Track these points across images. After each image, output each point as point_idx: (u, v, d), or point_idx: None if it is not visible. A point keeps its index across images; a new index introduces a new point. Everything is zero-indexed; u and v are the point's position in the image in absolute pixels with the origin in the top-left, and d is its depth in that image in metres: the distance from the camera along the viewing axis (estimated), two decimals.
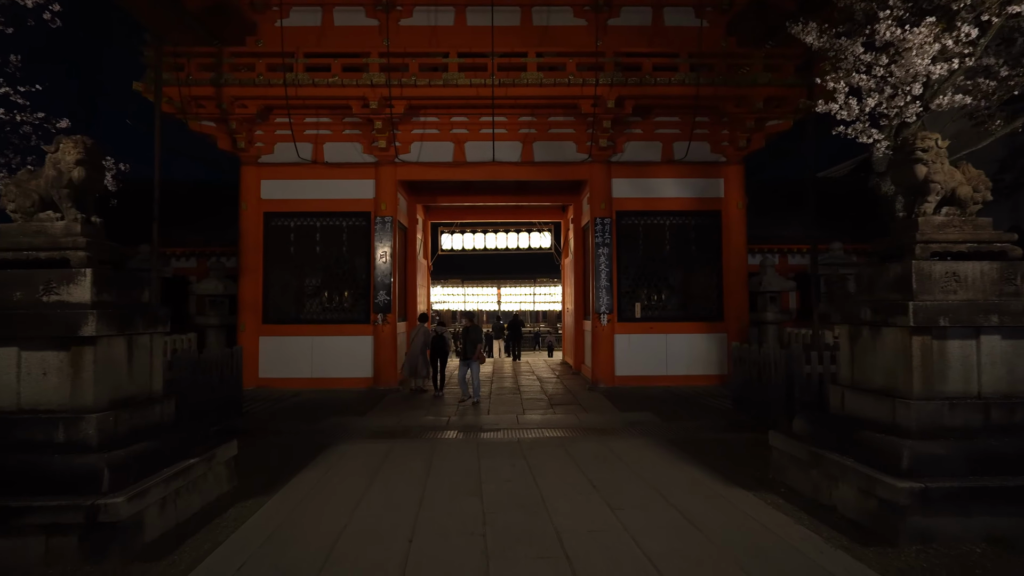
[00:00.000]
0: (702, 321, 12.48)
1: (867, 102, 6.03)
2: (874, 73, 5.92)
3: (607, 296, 12.11)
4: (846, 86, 6.13)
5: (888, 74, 5.86)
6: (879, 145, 6.48)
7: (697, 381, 12.29)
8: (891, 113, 6.11)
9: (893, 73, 5.75)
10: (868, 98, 6.00)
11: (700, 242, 12.63)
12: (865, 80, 6.02)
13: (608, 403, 10.63)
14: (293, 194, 12.41)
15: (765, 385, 8.41)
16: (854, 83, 6.10)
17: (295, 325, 12.33)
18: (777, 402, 8.04)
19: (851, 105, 6.15)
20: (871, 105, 6.02)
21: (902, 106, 5.94)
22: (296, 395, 11.60)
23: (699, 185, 12.56)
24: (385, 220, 12.15)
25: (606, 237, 12.18)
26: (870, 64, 5.93)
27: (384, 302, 12.06)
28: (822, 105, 6.57)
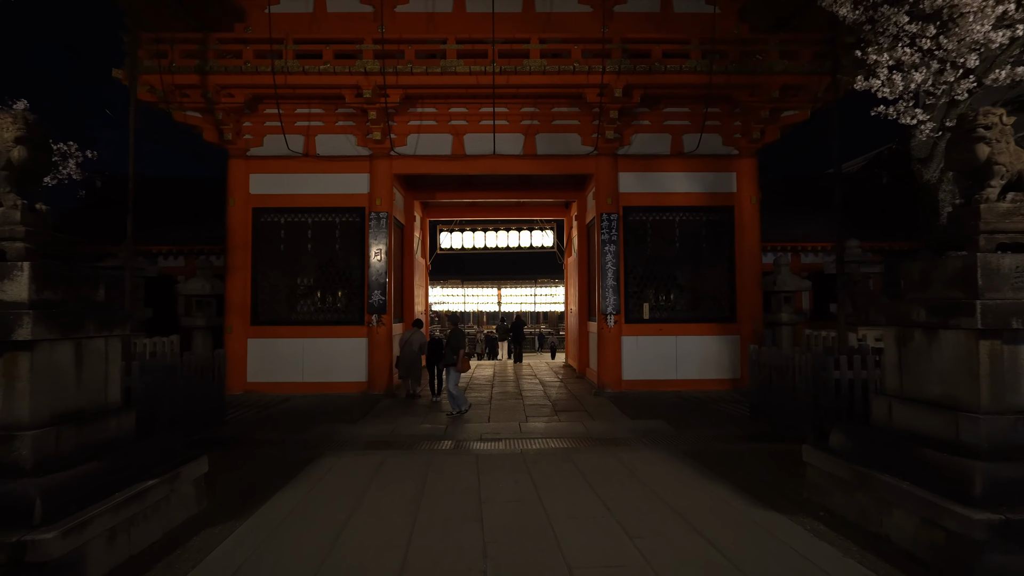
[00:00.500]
0: (714, 322, 11.86)
1: (913, 77, 5.42)
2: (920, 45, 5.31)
3: (614, 296, 11.50)
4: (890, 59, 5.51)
5: (936, 46, 5.25)
6: (923, 127, 5.87)
7: (708, 386, 11.67)
8: (938, 91, 5.51)
9: (942, 45, 5.15)
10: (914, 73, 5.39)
11: (711, 239, 12.01)
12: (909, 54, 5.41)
13: (616, 409, 10.01)
14: (283, 189, 11.80)
15: (788, 392, 7.79)
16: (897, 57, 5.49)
17: (285, 327, 11.71)
18: (802, 411, 7.42)
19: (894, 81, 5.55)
20: (917, 81, 5.41)
21: (952, 82, 5.34)
22: (286, 400, 10.98)
23: (710, 179, 11.94)
24: (380, 216, 11.54)
25: (612, 234, 11.56)
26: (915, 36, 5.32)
27: (379, 302, 11.44)
28: (861, 82, 5.97)
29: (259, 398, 11.09)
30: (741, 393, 11.26)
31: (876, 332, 9.61)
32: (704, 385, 11.68)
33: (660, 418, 9.22)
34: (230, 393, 11.25)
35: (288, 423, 9.04)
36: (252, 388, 11.51)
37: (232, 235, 11.60)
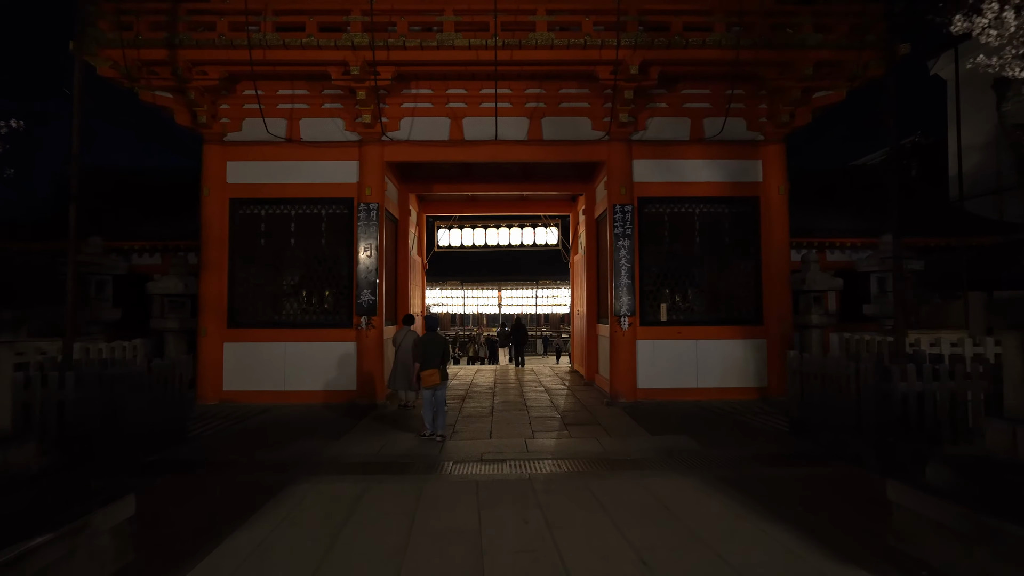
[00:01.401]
0: (738, 325, 10.77)
1: None
2: None
3: (628, 296, 10.41)
4: None
5: None
6: None
7: (732, 395, 10.58)
8: None
9: None
10: None
11: (735, 233, 10.93)
12: None
13: (633, 423, 8.92)
14: (264, 178, 10.72)
15: (837, 405, 6.70)
16: None
17: (265, 329, 10.62)
18: (857, 428, 6.33)
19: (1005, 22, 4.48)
20: None
21: None
22: (265, 411, 9.89)
23: (733, 168, 10.87)
24: (370, 207, 10.45)
25: (627, 227, 10.47)
26: None
27: (368, 303, 10.35)
28: (960, 23, 4.90)
29: (235, 409, 9.99)
30: (770, 404, 10.18)
31: (931, 336, 8.52)
32: (727, 394, 10.59)
33: (684, 433, 8.13)
34: (204, 403, 10.20)
35: (263, 439, 7.95)
36: (228, 397, 10.42)
37: (207, 229, 10.51)
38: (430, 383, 7.68)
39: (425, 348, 7.78)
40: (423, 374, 7.71)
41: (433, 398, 7.83)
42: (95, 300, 10.84)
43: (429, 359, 7.74)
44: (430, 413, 7.81)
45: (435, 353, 7.77)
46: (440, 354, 7.79)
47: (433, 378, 7.69)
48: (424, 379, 7.71)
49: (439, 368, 7.74)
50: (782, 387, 10.43)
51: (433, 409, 7.82)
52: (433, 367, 7.71)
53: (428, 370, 7.69)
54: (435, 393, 7.85)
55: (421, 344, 7.87)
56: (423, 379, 7.71)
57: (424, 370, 7.71)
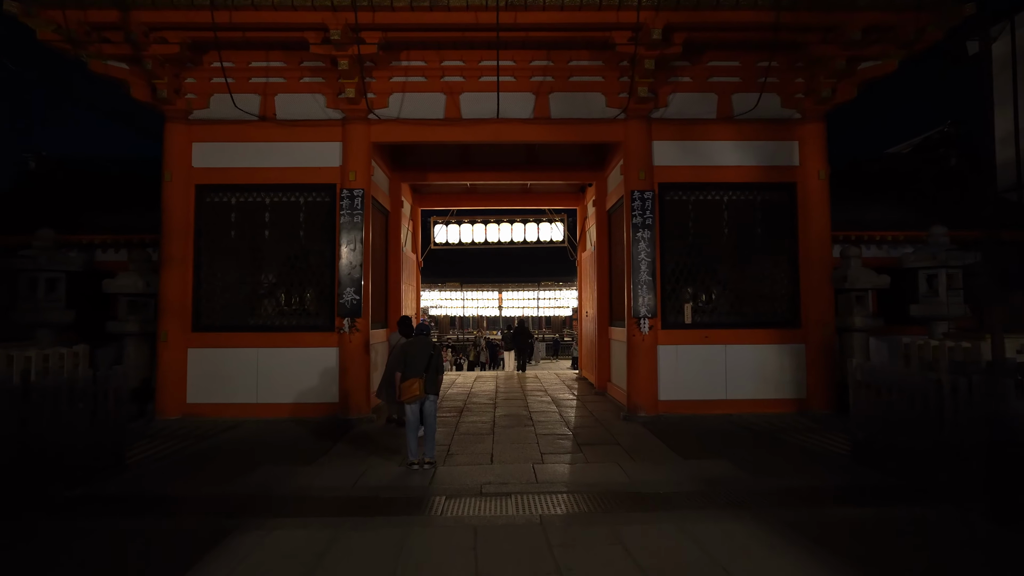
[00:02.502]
0: (772, 328, 9.49)
1: None
2: None
3: (648, 295, 9.12)
4: None
5: None
6: None
7: (766, 407, 9.30)
8: None
9: None
10: None
11: (768, 224, 9.65)
12: None
13: (658, 443, 7.63)
14: (235, 161, 9.45)
15: (921, 427, 5.41)
16: None
17: (236, 333, 9.33)
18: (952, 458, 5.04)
19: None
20: None
21: None
22: (233, 427, 8.62)
23: (766, 150, 9.60)
24: (354, 194, 9.18)
25: (646, 216, 9.20)
26: None
27: (352, 303, 9.06)
28: None
29: (199, 425, 8.71)
30: (811, 419, 8.89)
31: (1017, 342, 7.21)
32: (760, 407, 9.31)
33: (721, 457, 6.85)
34: (164, 417, 8.94)
35: (221, 465, 6.67)
36: (193, 411, 9.14)
37: (168, 219, 9.23)
38: (411, 395, 6.39)
39: (406, 354, 6.48)
40: (404, 385, 6.42)
41: (418, 415, 6.54)
42: (45, 300, 9.56)
43: (413, 367, 6.44)
44: (414, 435, 6.50)
45: (420, 360, 6.46)
46: (426, 361, 6.49)
47: (415, 388, 6.39)
48: (404, 390, 6.41)
49: (422, 377, 6.45)
50: (823, 399, 9.17)
51: (419, 428, 6.53)
52: (415, 376, 6.42)
53: (409, 380, 6.41)
54: (422, 408, 6.56)
55: (402, 350, 6.55)
56: (403, 391, 6.42)
57: (405, 380, 6.43)
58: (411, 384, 6.40)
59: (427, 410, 6.60)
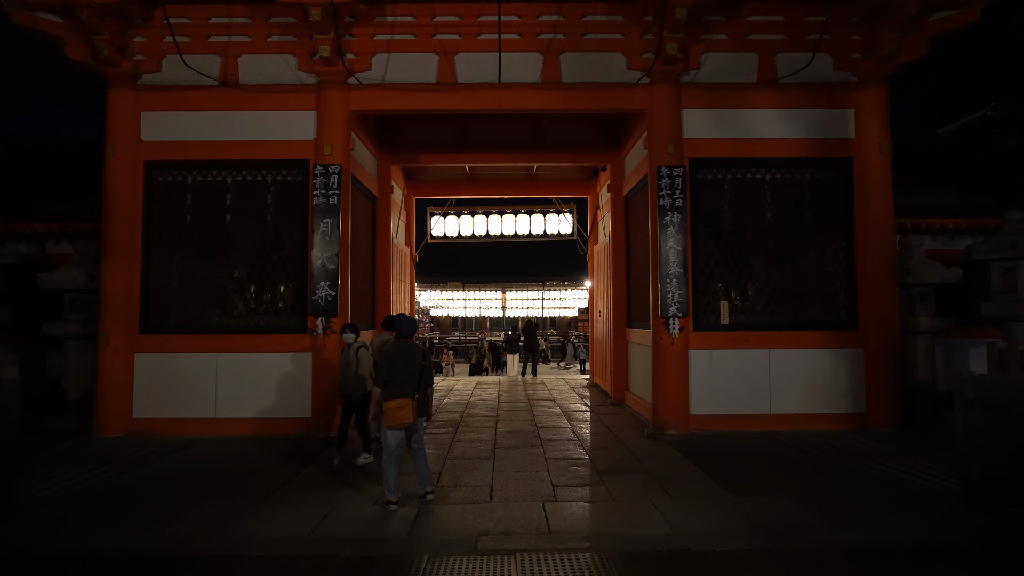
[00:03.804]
0: (824, 329, 8.04)
1: None
2: None
3: (679, 291, 7.68)
4: None
5: None
6: None
7: (817, 424, 7.85)
8: None
9: None
10: None
11: (819, 207, 8.20)
12: None
13: (696, 471, 6.19)
14: (191, 134, 8.07)
15: None
16: None
17: (192, 335, 7.94)
18: None
19: None
20: None
21: None
22: (185, 448, 7.22)
23: (816, 119, 8.16)
24: (330, 171, 7.77)
25: (676, 197, 7.76)
26: None
27: (326, 300, 7.65)
28: None
29: (144, 444, 7.31)
30: (875, 438, 7.44)
31: None
32: (810, 423, 7.85)
33: (782, 492, 5.41)
34: (104, 435, 7.56)
35: (150, 503, 5.27)
36: (139, 428, 7.75)
37: (111, 202, 7.85)
38: (398, 421, 4.90)
39: (390, 365, 4.98)
40: (388, 406, 4.92)
41: (401, 443, 5.10)
42: None
43: (399, 381, 4.96)
44: (394, 467, 5.05)
45: (407, 372, 5.00)
46: (416, 374, 5.05)
47: (404, 413, 4.91)
48: (388, 414, 4.90)
49: (413, 398, 5.01)
50: (886, 414, 7.73)
51: (393, 456, 5.06)
52: (404, 396, 4.96)
53: (396, 400, 4.94)
54: (408, 436, 5.13)
55: (384, 359, 5.02)
56: (387, 414, 4.91)
57: (390, 399, 4.95)
58: (399, 407, 4.87)
59: (416, 435, 5.18)
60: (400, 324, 5.20)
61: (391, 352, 5.02)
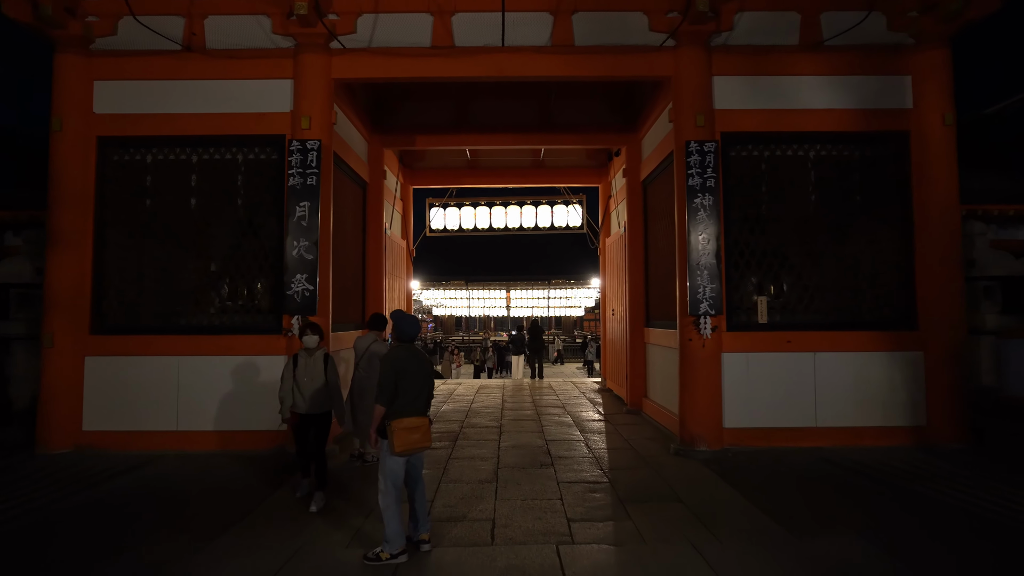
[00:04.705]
0: (877, 329, 6.97)
1: None
2: None
3: (711, 284, 6.63)
4: None
5: None
6: None
7: (870, 438, 6.79)
8: None
9: None
10: None
11: (870, 188, 7.14)
12: None
13: (739, 499, 5.14)
14: (151, 106, 7.07)
15: None
16: None
17: (151, 336, 6.94)
18: None
19: None
20: None
21: None
22: (139, 466, 6.22)
23: (868, 88, 7.10)
24: (308, 147, 6.74)
25: (707, 176, 6.71)
26: None
27: (303, 295, 6.63)
28: None
29: (93, 462, 6.32)
30: (941, 456, 6.40)
31: None
32: (862, 438, 6.80)
33: (850, 531, 4.37)
34: (49, 451, 6.58)
35: (69, 543, 4.25)
36: (90, 442, 6.75)
37: (58, 182, 6.85)
38: (411, 445, 3.85)
39: (400, 375, 3.89)
40: (398, 426, 3.83)
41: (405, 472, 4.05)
42: None
43: (410, 396, 3.93)
44: (398, 511, 3.95)
45: (419, 383, 3.99)
46: (429, 386, 4.08)
47: (419, 435, 3.89)
48: (399, 436, 3.81)
49: (427, 416, 4.03)
50: (952, 427, 6.68)
51: (397, 493, 3.98)
52: (417, 413, 3.94)
53: (409, 418, 3.87)
54: (409, 462, 4.07)
55: (391, 366, 3.90)
56: (397, 436, 3.82)
57: (399, 417, 3.86)
58: (413, 427, 3.85)
59: (418, 465, 4.15)
60: (400, 325, 4.12)
61: (398, 360, 3.94)
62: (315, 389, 5.09)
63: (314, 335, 5.24)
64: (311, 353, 5.21)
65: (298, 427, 5.14)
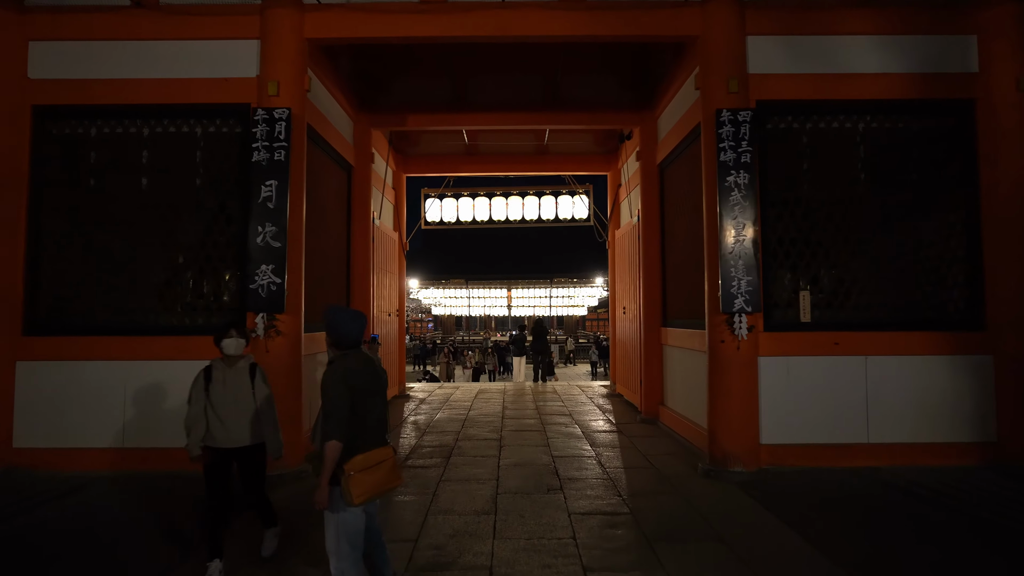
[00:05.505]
0: (936, 329, 6.00)
1: None
2: None
3: (746, 276, 5.66)
4: None
5: None
6: None
7: (930, 457, 5.83)
8: None
9: None
10: None
11: (929, 166, 6.17)
12: None
13: (789, 535, 4.18)
14: (96, 70, 6.11)
15: None
16: None
17: (93, 338, 5.98)
18: None
19: None
20: None
21: None
22: (70, 492, 5.28)
23: (925, 49, 6.13)
24: (275, 116, 5.77)
25: (742, 151, 5.73)
26: None
27: (269, 289, 5.66)
28: None
29: (20, 485, 5.38)
30: (1015, 477, 5.40)
31: None
32: (921, 456, 5.83)
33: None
34: None
35: None
36: (21, 461, 5.80)
37: None
38: (374, 489, 2.83)
39: (352, 394, 2.83)
40: (353, 467, 2.75)
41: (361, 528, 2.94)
42: None
43: (369, 424, 2.90)
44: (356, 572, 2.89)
45: (379, 406, 2.99)
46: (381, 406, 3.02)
47: (383, 475, 2.85)
48: (357, 481, 2.75)
49: (390, 444, 3.02)
50: None
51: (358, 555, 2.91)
52: (377, 444, 2.91)
53: (366, 453, 2.82)
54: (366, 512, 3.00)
55: (343, 384, 2.81)
56: (355, 480, 2.74)
57: (356, 454, 2.80)
58: (374, 463, 2.82)
59: (374, 513, 3.10)
60: (339, 325, 2.97)
61: (351, 374, 2.86)
62: (239, 413, 3.69)
63: (238, 338, 3.79)
64: (232, 363, 3.79)
65: (213, 467, 3.67)
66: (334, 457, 2.75)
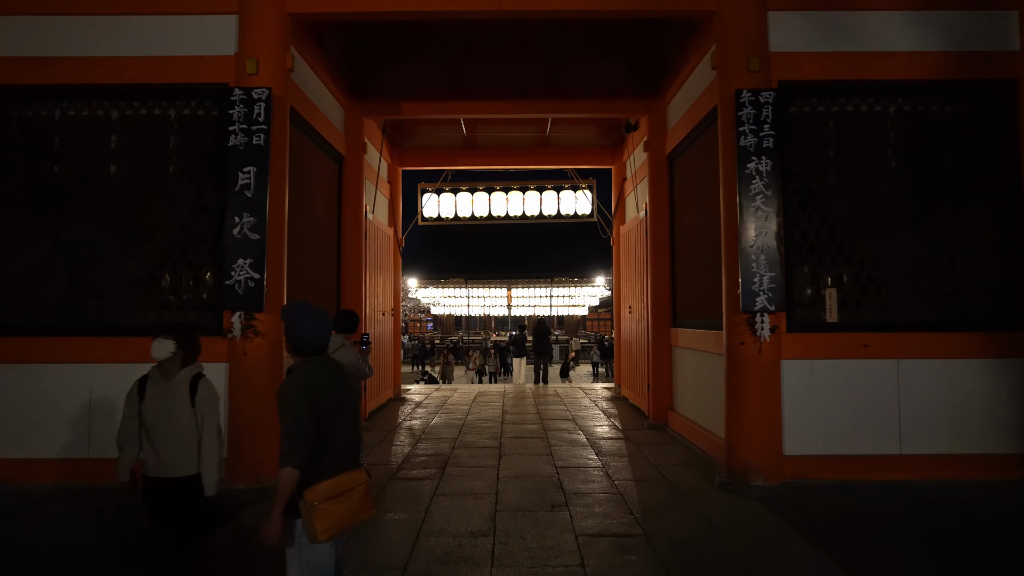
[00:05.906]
0: (975, 330, 5.52)
1: None
2: None
3: (769, 272, 5.17)
4: None
5: None
6: None
7: (969, 469, 5.35)
8: None
9: None
10: None
11: (966, 152, 5.69)
12: None
13: (823, 561, 3.69)
14: (60, 47, 5.63)
15: None
16: None
17: (54, 339, 5.49)
18: None
19: None
20: None
21: None
22: (29, 509, 4.81)
23: (960, 25, 5.65)
24: (254, 96, 5.28)
25: (764, 135, 5.25)
26: None
27: (246, 285, 5.17)
28: None
29: None
30: None
31: None
32: (959, 468, 5.35)
33: None
34: None
35: None
36: None
37: None
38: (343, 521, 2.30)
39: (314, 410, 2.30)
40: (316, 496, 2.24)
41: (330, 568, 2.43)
42: None
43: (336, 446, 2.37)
44: None
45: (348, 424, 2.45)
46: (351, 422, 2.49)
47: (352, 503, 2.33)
48: (322, 513, 2.24)
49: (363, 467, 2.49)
50: None
51: None
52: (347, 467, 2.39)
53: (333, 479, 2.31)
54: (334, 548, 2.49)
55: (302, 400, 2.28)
56: (319, 513, 2.23)
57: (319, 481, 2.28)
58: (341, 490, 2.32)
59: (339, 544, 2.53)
60: (300, 327, 2.43)
61: (313, 387, 2.35)
62: (174, 437, 2.95)
63: (165, 340, 2.98)
64: (169, 375, 3.02)
65: (149, 496, 2.99)
66: (288, 487, 2.25)
